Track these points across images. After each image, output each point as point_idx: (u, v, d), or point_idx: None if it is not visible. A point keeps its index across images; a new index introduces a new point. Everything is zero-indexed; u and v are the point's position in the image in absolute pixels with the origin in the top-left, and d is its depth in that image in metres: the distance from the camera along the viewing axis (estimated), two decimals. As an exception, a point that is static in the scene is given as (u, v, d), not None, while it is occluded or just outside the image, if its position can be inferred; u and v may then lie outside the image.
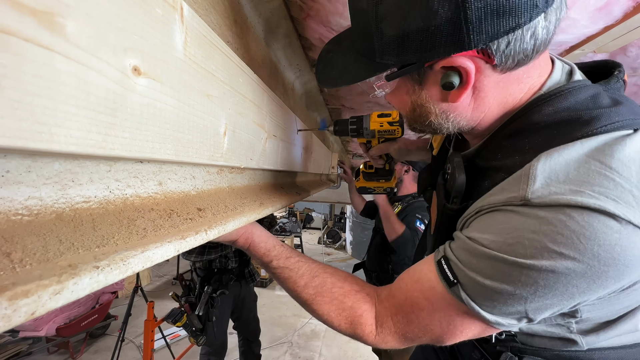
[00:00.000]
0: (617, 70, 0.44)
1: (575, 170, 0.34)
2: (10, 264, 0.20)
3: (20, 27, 0.19)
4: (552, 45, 0.84)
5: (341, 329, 0.53)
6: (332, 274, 0.57)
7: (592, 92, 0.40)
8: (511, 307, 0.37)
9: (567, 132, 0.37)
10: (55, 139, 0.21)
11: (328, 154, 1.75)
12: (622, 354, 0.43)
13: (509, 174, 0.39)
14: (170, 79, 0.33)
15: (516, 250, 0.35)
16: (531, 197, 0.35)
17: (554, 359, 0.46)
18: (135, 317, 3.59)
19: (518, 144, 0.41)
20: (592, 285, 0.34)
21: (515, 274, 0.35)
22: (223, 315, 2.08)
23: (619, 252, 0.32)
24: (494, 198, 0.40)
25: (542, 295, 0.35)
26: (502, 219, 0.38)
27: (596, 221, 0.32)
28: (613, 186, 0.33)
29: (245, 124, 0.55)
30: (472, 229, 0.42)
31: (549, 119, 0.39)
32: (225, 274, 2.07)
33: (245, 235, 0.59)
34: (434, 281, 0.44)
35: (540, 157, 0.37)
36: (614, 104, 0.38)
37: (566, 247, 0.33)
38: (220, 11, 0.51)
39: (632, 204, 0.32)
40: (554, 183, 0.35)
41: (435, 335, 0.45)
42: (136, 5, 0.28)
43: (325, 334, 3.76)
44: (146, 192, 0.36)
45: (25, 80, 0.19)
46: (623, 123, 0.36)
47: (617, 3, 0.65)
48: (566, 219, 0.33)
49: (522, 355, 0.48)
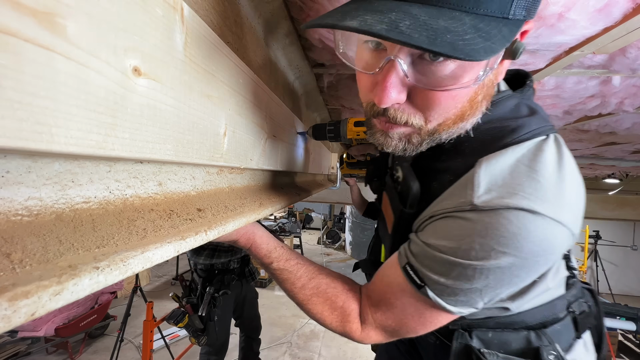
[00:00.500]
0: (528, 80, 0.52)
1: (509, 175, 0.41)
2: (10, 265, 0.20)
3: (21, 28, 0.19)
4: (552, 47, 0.84)
5: (333, 327, 0.56)
6: (328, 275, 0.60)
7: (514, 102, 0.48)
8: (470, 298, 0.44)
9: (499, 138, 0.44)
10: (55, 139, 0.21)
11: (328, 154, 1.76)
12: (542, 310, 0.54)
13: (455, 176, 0.45)
14: (170, 80, 0.33)
15: (470, 254, 0.41)
16: (477, 203, 0.41)
17: (495, 326, 0.55)
18: (135, 318, 3.59)
19: (459, 148, 0.47)
20: (529, 273, 0.42)
21: (471, 273, 0.42)
22: (225, 314, 2.08)
23: (546, 244, 0.39)
24: (445, 203, 0.45)
25: (494, 287, 0.43)
26: (454, 225, 0.43)
27: (527, 221, 0.39)
28: (538, 187, 0.39)
29: (245, 124, 0.55)
30: (429, 235, 0.47)
31: (484, 126, 0.46)
32: (227, 274, 2.07)
33: (247, 235, 0.60)
34: (403, 284, 0.49)
35: (481, 164, 0.42)
36: (531, 113, 0.46)
37: (508, 247, 0.39)
38: (220, 12, 0.51)
39: (552, 201, 0.39)
40: (494, 188, 0.41)
41: (410, 328, 0.51)
42: (136, 5, 0.28)
43: (324, 334, 3.76)
44: (146, 192, 0.36)
45: (26, 80, 0.19)
46: (539, 130, 0.44)
47: (617, 4, 0.65)
48: (506, 223, 0.39)
49: (471, 330, 0.56)
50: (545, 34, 0.76)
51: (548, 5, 0.65)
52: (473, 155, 0.44)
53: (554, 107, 1.39)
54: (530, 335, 0.53)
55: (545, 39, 0.79)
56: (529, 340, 0.53)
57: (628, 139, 1.95)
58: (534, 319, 0.54)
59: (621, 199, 3.22)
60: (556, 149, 0.43)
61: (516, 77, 0.54)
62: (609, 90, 1.15)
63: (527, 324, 0.54)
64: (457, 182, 0.45)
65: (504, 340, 0.54)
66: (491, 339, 0.55)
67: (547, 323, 0.55)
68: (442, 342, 0.60)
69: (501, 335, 0.54)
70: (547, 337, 0.53)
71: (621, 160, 2.80)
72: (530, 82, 0.52)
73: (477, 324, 0.55)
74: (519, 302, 0.52)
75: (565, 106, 1.37)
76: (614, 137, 1.93)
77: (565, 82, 1.13)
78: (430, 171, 0.50)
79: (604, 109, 1.33)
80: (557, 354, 0.52)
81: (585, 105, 1.32)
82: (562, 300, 0.56)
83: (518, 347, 0.54)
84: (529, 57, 0.92)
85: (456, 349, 0.55)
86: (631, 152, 2.47)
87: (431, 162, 0.51)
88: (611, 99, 1.22)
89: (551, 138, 0.44)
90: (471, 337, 0.55)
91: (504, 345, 0.54)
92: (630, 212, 3.16)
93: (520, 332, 0.54)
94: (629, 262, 6.83)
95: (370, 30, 0.31)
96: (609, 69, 0.98)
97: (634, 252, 6.85)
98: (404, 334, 0.53)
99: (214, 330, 1.94)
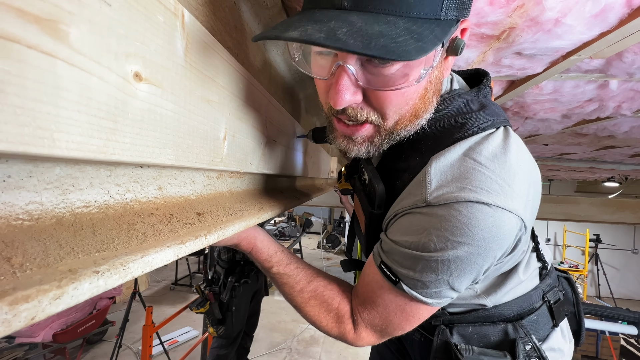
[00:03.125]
0: (485, 78, 0.54)
1: (458, 170, 0.43)
2: (10, 269, 0.20)
3: (25, 35, 0.19)
4: (549, 51, 0.85)
5: (329, 329, 0.57)
6: (325, 278, 0.61)
7: (465, 98, 0.50)
8: (440, 289, 0.47)
9: (449, 134, 0.46)
10: (57, 144, 0.22)
11: (327, 158, 1.76)
12: (518, 302, 0.57)
13: (413, 173, 0.48)
14: (171, 85, 0.33)
15: (429, 247, 0.44)
16: (430, 199, 0.43)
17: (475, 320, 0.58)
18: (133, 323, 3.56)
19: (416, 146, 0.49)
20: (486, 258, 0.45)
21: (434, 264, 0.44)
22: (242, 304, 2.19)
23: (495, 231, 0.42)
24: (405, 202, 0.47)
25: (457, 274, 0.45)
26: (414, 221, 0.46)
27: (476, 211, 0.41)
28: (484, 179, 0.42)
29: (245, 128, 0.55)
30: (394, 232, 0.49)
31: (437, 123, 0.48)
32: (248, 265, 2.19)
33: (248, 239, 0.60)
34: (381, 282, 0.51)
35: (431, 162, 0.45)
36: (481, 108, 0.48)
37: (461, 236, 0.42)
38: (220, 17, 0.52)
39: (498, 191, 0.42)
40: (444, 183, 0.43)
41: (396, 324, 0.52)
42: (138, 12, 0.28)
43: (324, 340, 3.73)
44: (146, 196, 0.36)
45: (28, 86, 0.19)
46: (487, 124, 0.46)
47: (612, 10, 0.66)
48: (457, 214, 0.42)
49: (452, 325, 0.58)
50: (543, 39, 0.77)
51: (544, 11, 0.66)
52: (428, 153, 0.47)
53: (552, 111, 1.40)
54: (507, 327, 0.56)
55: (543, 43, 0.79)
56: (506, 333, 0.56)
57: (626, 142, 1.96)
58: (511, 311, 0.57)
59: (621, 202, 3.22)
60: (502, 140, 0.45)
61: (475, 76, 0.57)
62: (607, 94, 1.15)
63: (505, 316, 0.57)
64: (413, 181, 0.47)
65: (483, 333, 0.57)
66: (471, 333, 0.57)
67: (523, 314, 0.58)
68: (426, 338, 0.62)
69: (480, 329, 0.57)
70: (524, 328, 0.56)
71: (620, 163, 2.81)
72: (487, 80, 0.54)
73: (457, 320, 0.58)
74: (493, 297, 0.55)
75: (563, 110, 1.38)
76: (613, 140, 1.94)
77: (563, 86, 1.14)
78: (393, 171, 0.53)
79: (602, 112, 1.34)
80: (533, 344, 0.55)
81: (584, 109, 1.33)
82: (538, 290, 0.60)
83: (496, 340, 0.56)
84: (526, 61, 0.93)
85: (437, 345, 0.58)
86: (630, 155, 2.47)
87: (393, 162, 0.53)
88: (609, 102, 1.23)
89: (500, 130, 0.46)
90: (452, 333, 0.58)
91: (483, 338, 0.57)
92: (630, 216, 3.16)
93: (498, 325, 0.57)
94: (630, 266, 6.81)
95: (310, 40, 0.33)
96: (606, 73, 0.98)
97: (635, 255, 6.84)
98: (392, 331, 0.54)
99: (231, 321, 2.05)
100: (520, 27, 0.73)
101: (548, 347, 0.58)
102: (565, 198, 3.24)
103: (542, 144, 2.23)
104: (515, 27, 0.74)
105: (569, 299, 0.65)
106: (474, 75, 0.58)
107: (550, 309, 0.61)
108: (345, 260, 0.81)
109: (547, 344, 0.58)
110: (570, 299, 0.66)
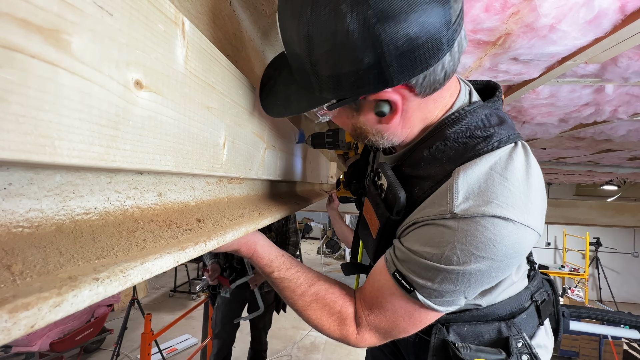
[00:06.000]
0: (497, 90, 0.58)
1: (485, 183, 0.45)
2: (10, 277, 0.20)
3: (27, 44, 0.19)
4: (545, 57, 0.86)
5: (331, 332, 0.58)
6: (326, 281, 0.62)
7: (485, 112, 0.53)
8: (455, 298, 0.49)
9: (472, 146, 0.49)
10: (58, 152, 0.22)
11: (327, 164, 1.76)
12: (510, 302, 0.61)
13: (434, 182, 0.50)
14: (171, 92, 0.34)
15: (452, 260, 0.45)
16: (457, 211, 0.45)
17: (470, 319, 0.60)
18: (131, 331, 3.52)
19: (437, 155, 0.51)
20: (504, 272, 0.48)
21: (454, 277, 0.46)
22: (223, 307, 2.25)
23: (517, 247, 0.45)
24: (427, 211, 0.49)
25: (475, 286, 0.48)
26: (436, 232, 0.47)
27: (502, 228, 0.44)
28: (509, 194, 0.44)
29: (245, 135, 0.56)
30: (412, 241, 0.50)
31: (458, 135, 0.50)
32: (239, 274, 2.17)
33: (248, 245, 0.60)
34: (392, 289, 0.53)
35: (459, 173, 0.46)
36: (500, 122, 0.51)
37: (485, 251, 0.44)
38: (220, 26, 0.53)
39: (522, 207, 0.44)
40: (471, 196, 0.45)
41: (401, 328, 0.54)
42: (139, 21, 0.28)
43: (325, 346, 3.69)
44: (146, 203, 0.37)
45: (31, 95, 0.20)
46: (507, 138, 0.49)
47: (606, 16, 0.67)
48: (483, 230, 0.44)
49: (448, 325, 0.60)
50: (538, 45, 0.78)
51: (539, 17, 0.67)
52: (450, 162, 0.49)
53: (549, 115, 1.41)
54: (501, 326, 0.60)
55: (538, 49, 0.80)
56: (499, 331, 0.60)
57: (624, 145, 1.97)
58: (504, 310, 0.60)
59: (620, 206, 3.22)
60: (524, 156, 0.49)
61: (486, 88, 0.61)
62: (603, 98, 1.16)
63: (498, 315, 0.60)
64: (438, 190, 0.49)
65: (478, 332, 0.60)
66: (467, 332, 0.60)
67: (515, 313, 0.61)
68: (421, 339, 0.64)
69: (475, 328, 0.60)
70: (516, 326, 0.60)
71: (618, 167, 2.82)
72: (499, 93, 0.58)
73: (453, 319, 0.60)
74: (488, 297, 0.58)
75: (560, 114, 1.39)
76: (610, 144, 1.95)
77: (559, 91, 1.15)
78: (410, 178, 0.54)
79: (599, 116, 1.35)
80: (524, 341, 0.59)
81: (580, 113, 1.34)
82: (527, 291, 0.63)
83: (490, 338, 0.60)
84: (523, 66, 0.94)
85: (434, 344, 0.60)
86: (628, 158, 2.48)
87: (410, 168, 0.55)
88: (605, 106, 1.24)
89: (519, 146, 0.50)
90: (448, 331, 0.60)
91: (478, 337, 0.60)
92: (629, 219, 3.15)
93: (492, 324, 0.60)
94: (631, 269, 6.80)
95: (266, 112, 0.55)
96: (601, 78, 0.99)
97: (635, 258, 6.82)
98: (396, 334, 0.56)
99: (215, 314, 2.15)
100: (516, 33, 0.74)
101: (535, 344, 0.61)
102: (564, 201, 3.23)
103: (540, 148, 2.24)
104: (511, 33, 0.75)
105: (551, 300, 0.70)
106: (486, 86, 0.61)
107: (537, 309, 0.65)
108: (346, 263, 0.81)
109: (534, 341, 0.62)
110: (552, 299, 0.71)
